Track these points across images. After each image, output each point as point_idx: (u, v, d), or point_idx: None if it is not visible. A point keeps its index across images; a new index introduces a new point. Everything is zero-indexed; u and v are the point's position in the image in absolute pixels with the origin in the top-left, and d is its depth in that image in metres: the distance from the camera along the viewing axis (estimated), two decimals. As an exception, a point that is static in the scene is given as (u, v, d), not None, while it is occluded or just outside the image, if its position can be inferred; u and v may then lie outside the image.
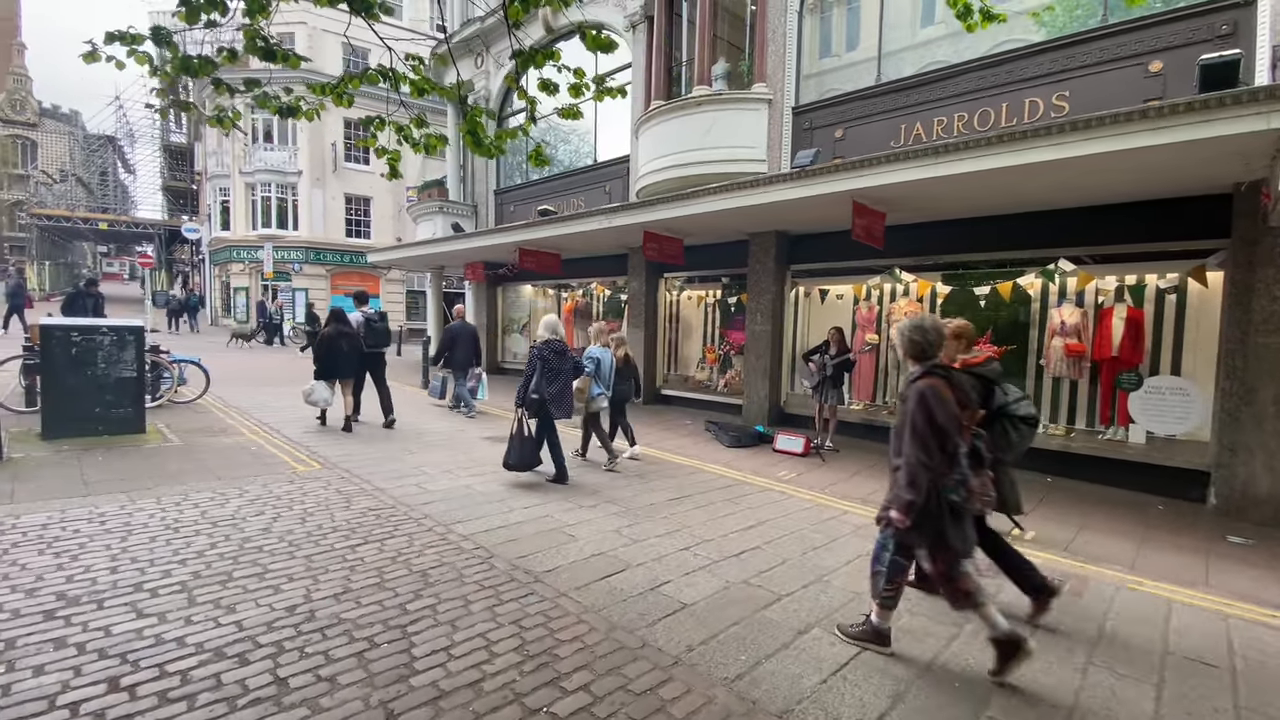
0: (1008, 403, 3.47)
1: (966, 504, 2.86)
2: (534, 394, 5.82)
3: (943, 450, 2.80)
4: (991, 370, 3.54)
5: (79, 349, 6.66)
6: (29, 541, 3.86)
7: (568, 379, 6.05)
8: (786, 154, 8.87)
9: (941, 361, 3.01)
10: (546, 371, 5.87)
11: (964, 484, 2.84)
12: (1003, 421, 3.44)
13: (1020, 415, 3.46)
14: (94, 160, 43.28)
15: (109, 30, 3.18)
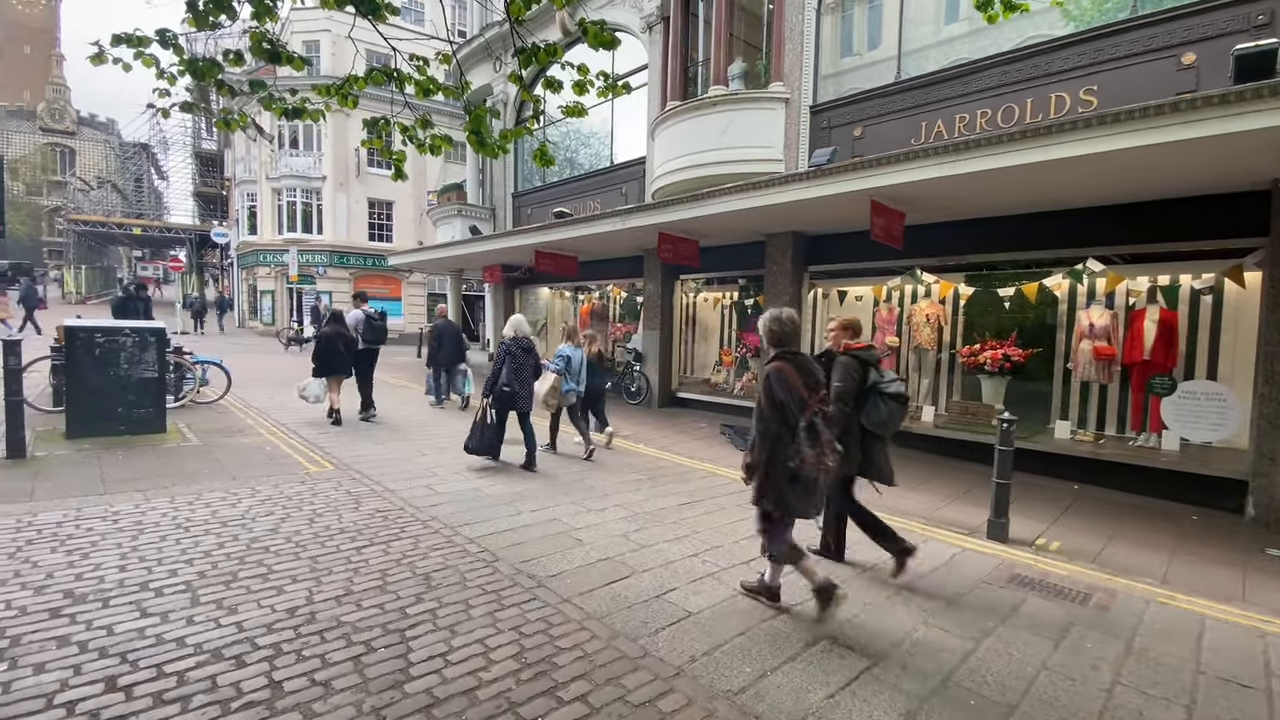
0: (880, 381, 3.99)
1: (801, 470, 3.23)
2: (505, 387, 6.27)
3: (784, 422, 3.28)
4: (869, 355, 4.10)
5: (102, 350, 6.80)
6: (43, 539, 3.91)
7: (529, 374, 6.55)
8: (804, 153, 8.73)
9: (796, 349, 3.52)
10: (514, 366, 6.35)
11: (799, 453, 3.21)
12: (874, 397, 3.97)
13: (889, 392, 3.96)
14: (129, 167, 44.60)
15: (115, 33, 3.21)
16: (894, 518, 5.31)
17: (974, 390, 8.17)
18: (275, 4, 3.74)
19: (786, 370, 3.34)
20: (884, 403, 3.95)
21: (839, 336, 4.21)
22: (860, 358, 4.05)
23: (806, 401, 3.28)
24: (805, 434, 3.23)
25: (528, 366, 6.50)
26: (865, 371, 4.02)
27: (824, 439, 3.28)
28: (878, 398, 3.97)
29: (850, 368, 3.99)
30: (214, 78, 3.74)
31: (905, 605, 3.67)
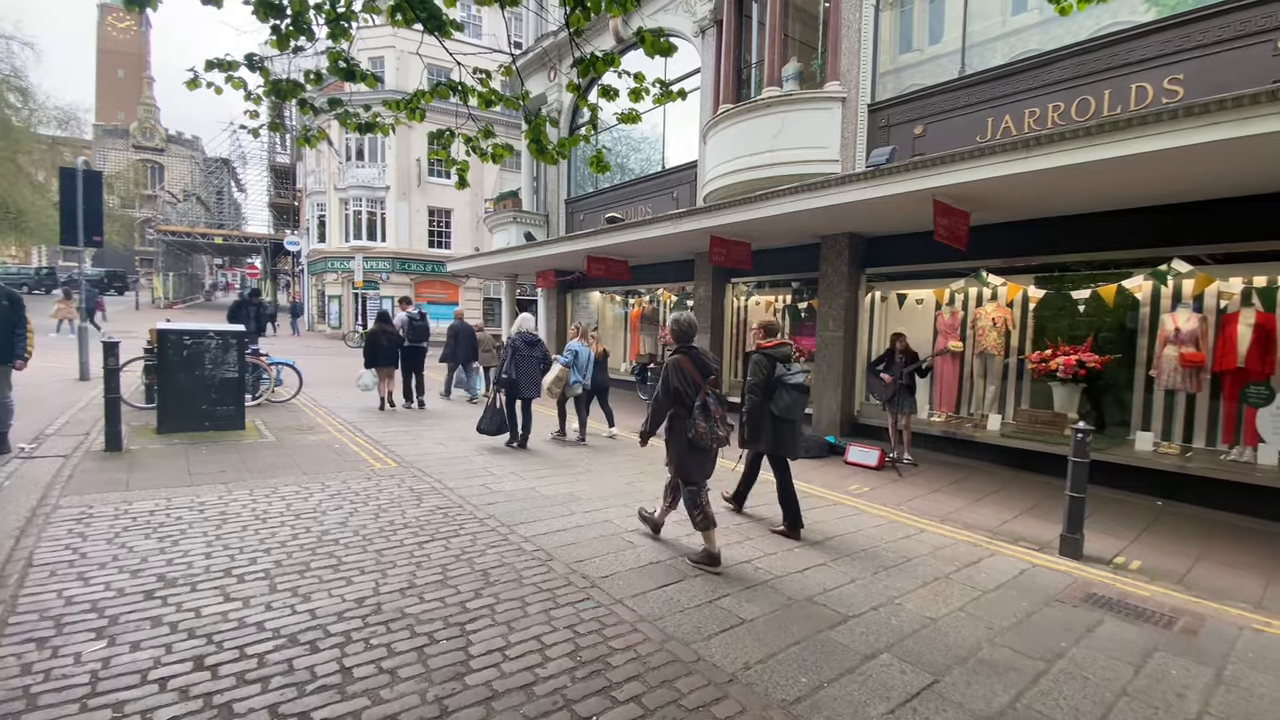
0: (784, 374, 4.69)
1: (697, 440, 4.02)
2: (504, 375, 7.34)
3: (680, 402, 4.10)
4: (778, 352, 4.79)
5: (189, 352, 7.30)
6: (138, 526, 4.23)
7: (533, 365, 7.41)
8: (861, 153, 8.54)
9: (694, 344, 4.30)
10: (517, 358, 7.30)
11: (695, 426, 4.01)
12: (780, 388, 4.69)
13: (791, 384, 4.67)
14: (211, 181, 47.76)
15: (208, 59, 3.46)
16: (958, 530, 5.14)
17: (1044, 398, 7.78)
18: (349, 25, 3.95)
19: (683, 361, 4.18)
20: (787, 392, 4.67)
21: (756, 336, 4.99)
22: (770, 355, 4.77)
23: (700, 385, 4.10)
24: (699, 411, 4.06)
25: (532, 359, 7.41)
26: (773, 367, 4.73)
27: (715, 414, 4.08)
28: (782, 388, 4.68)
29: (760, 364, 4.75)
30: (296, 97, 3.98)
31: (971, 621, 3.53)
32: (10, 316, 5.78)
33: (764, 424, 4.77)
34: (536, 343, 7.53)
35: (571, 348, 7.85)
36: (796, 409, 4.74)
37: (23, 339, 5.90)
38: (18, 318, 5.84)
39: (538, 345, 7.54)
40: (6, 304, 5.79)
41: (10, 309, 5.80)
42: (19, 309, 5.89)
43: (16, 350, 5.87)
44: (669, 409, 4.17)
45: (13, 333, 5.81)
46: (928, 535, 5.06)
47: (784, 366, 4.73)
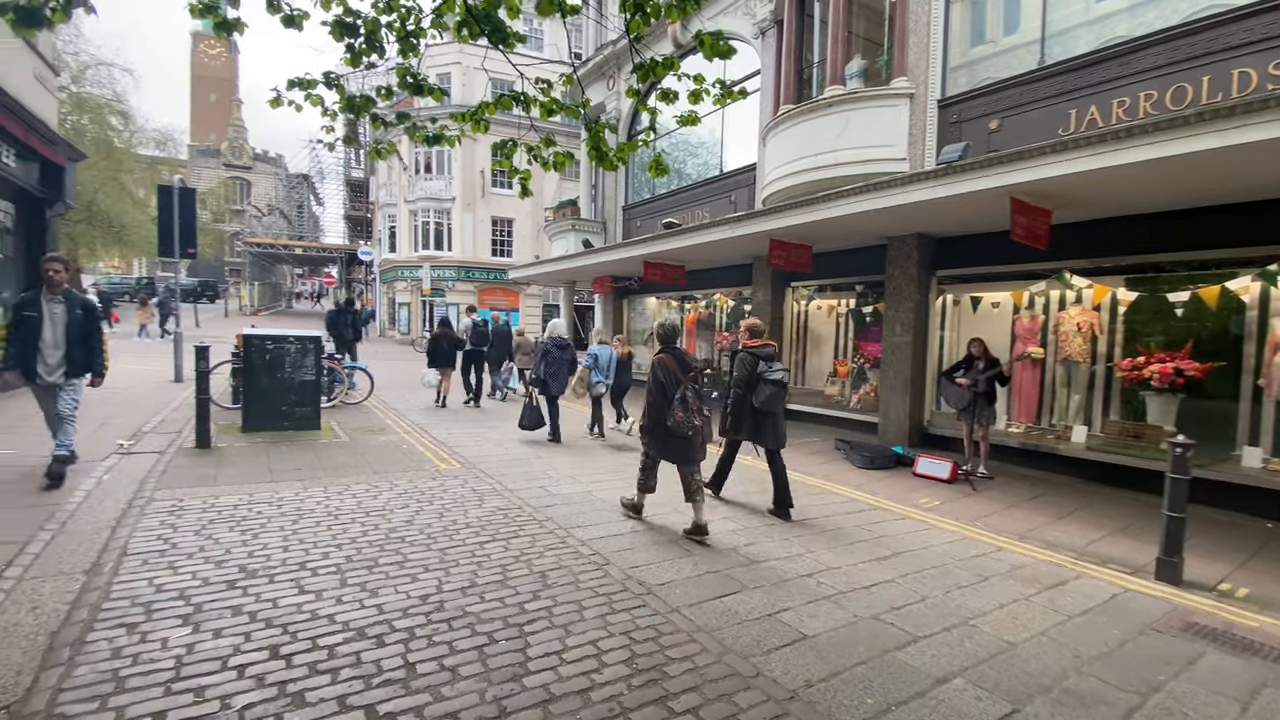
0: (765, 371, 5.22)
1: (675, 428, 4.57)
2: (535, 375, 8.15)
3: (664, 395, 4.66)
4: (762, 351, 5.33)
5: (271, 355, 7.75)
6: (223, 519, 4.50)
7: (562, 366, 8.14)
8: (930, 150, 8.19)
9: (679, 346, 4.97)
10: (548, 359, 8.06)
11: (673, 415, 4.56)
12: (760, 383, 5.23)
13: (770, 379, 5.20)
14: (293, 195, 50.90)
15: (289, 78, 3.67)
16: (1039, 550, 4.82)
17: (1136, 409, 7.21)
18: (417, 41, 4.10)
19: (668, 359, 4.78)
20: (767, 386, 5.21)
21: (743, 336, 5.56)
22: (755, 353, 5.33)
23: (680, 380, 4.67)
24: (679, 403, 4.60)
25: (562, 361, 8.15)
26: (756, 364, 5.28)
27: (692, 406, 4.63)
28: (763, 383, 5.22)
29: (745, 361, 5.34)
30: (368, 112, 4.16)
31: (1055, 648, 3.28)
32: (85, 326, 5.14)
33: (745, 415, 5.37)
34: (566, 346, 8.34)
35: (592, 351, 8.56)
36: (775, 402, 5.26)
37: (99, 352, 5.25)
38: (93, 327, 5.20)
39: (567, 348, 8.32)
40: (81, 313, 5.13)
41: (85, 318, 5.15)
42: (94, 318, 5.25)
43: (94, 364, 5.23)
44: (660, 402, 4.71)
45: (89, 344, 5.16)
46: (1005, 554, 4.76)
47: (766, 364, 5.28)
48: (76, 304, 5.15)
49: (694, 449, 4.72)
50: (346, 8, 3.78)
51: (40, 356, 5.00)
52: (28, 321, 4.95)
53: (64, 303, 5.07)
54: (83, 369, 5.20)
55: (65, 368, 5.09)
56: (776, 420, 5.33)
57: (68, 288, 5.13)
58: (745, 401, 5.32)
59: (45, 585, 3.31)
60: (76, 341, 5.10)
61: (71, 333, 5.07)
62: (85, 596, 3.22)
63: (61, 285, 5.06)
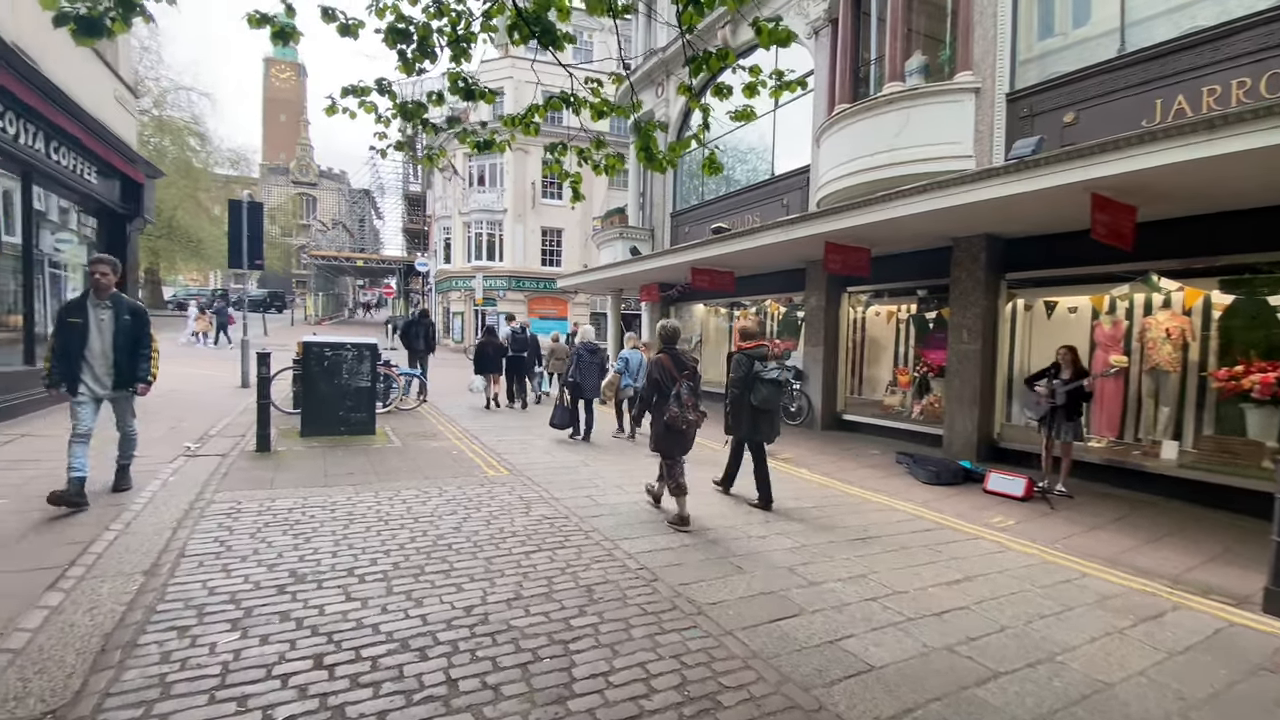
0: (761, 371, 5.44)
1: (671, 423, 4.94)
2: (570, 379, 8.68)
3: (660, 393, 5.03)
4: (757, 352, 5.58)
5: (329, 362, 7.94)
6: (278, 523, 4.56)
7: (594, 369, 8.75)
8: (999, 146, 7.73)
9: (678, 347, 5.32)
10: (580, 364, 8.64)
11: (669, 411, 4.92)
12: (757, 383, 5.45)
13: (767, 379, 5.41)
14: (355, 210, 53.16)
15: (343, 85, 3.69)
16: (1130, 577, 4.38)
17: (1234, 423, 6.54)
18: (469, 46, 4.09)
19: (665, 359, 5.16)
20: (764, 386, 5.44)
21: (738, 339, 5.83)
22: (750, 355, 5.58)
23: (676, 378, 5.05)
24: (674, 399, 4.97)
25: (593, 365, 8.74)
26: (752, 365, 5.52)
27: (687, 402, 4.98)
28: (759, 383, 5.45)
29: (741, 362, 5.59)
30: (420, 118, 4.17)
31: (1156, 690, 2.91)
32: (134, 333, 4.80)
33: (743, 414, 5.62)
34: (597, 350, 8.96)
35: (622, 355, 8.86)
36: (773, 400, 5.52)
37: (147, 360, 4.93)
38: (142, 334, 4.87)
39: (598, 353, 8.94)
40: (129, 319, 4.77)
41: (133, 324, 4.80)
42: (143, 324, 4.89)
43: (140, 372, 4.92)
44: (653, 396, 5.16)
45: (137, 352, 4.85)
46: (1091, 580, 4.33)
47: (761, 365, 5.51)
48: (125, 309, 4.76)
49: (686, 441, 5.17)
50: (399, 14, 3.79)
51: (87, 366, 4.62)
52: (73, 329, 4.56)
53: (111, 308, 4.69)
54: (131, 379, 4.87)
55: (114, 377, 4.76)
56: (773, 417, 5.68)
57: (116, 292, 4.75)
58: (743, 401, 5.57)
59: (104, 586, 3.38)
60: (125, 350, 4.75)
61: (119, 341, 4.71)
62: (141, 598, 3.26)
63: (109, 289, 4.66)
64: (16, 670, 2.58)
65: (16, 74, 6.59)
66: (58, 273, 9.85)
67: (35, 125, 7.53)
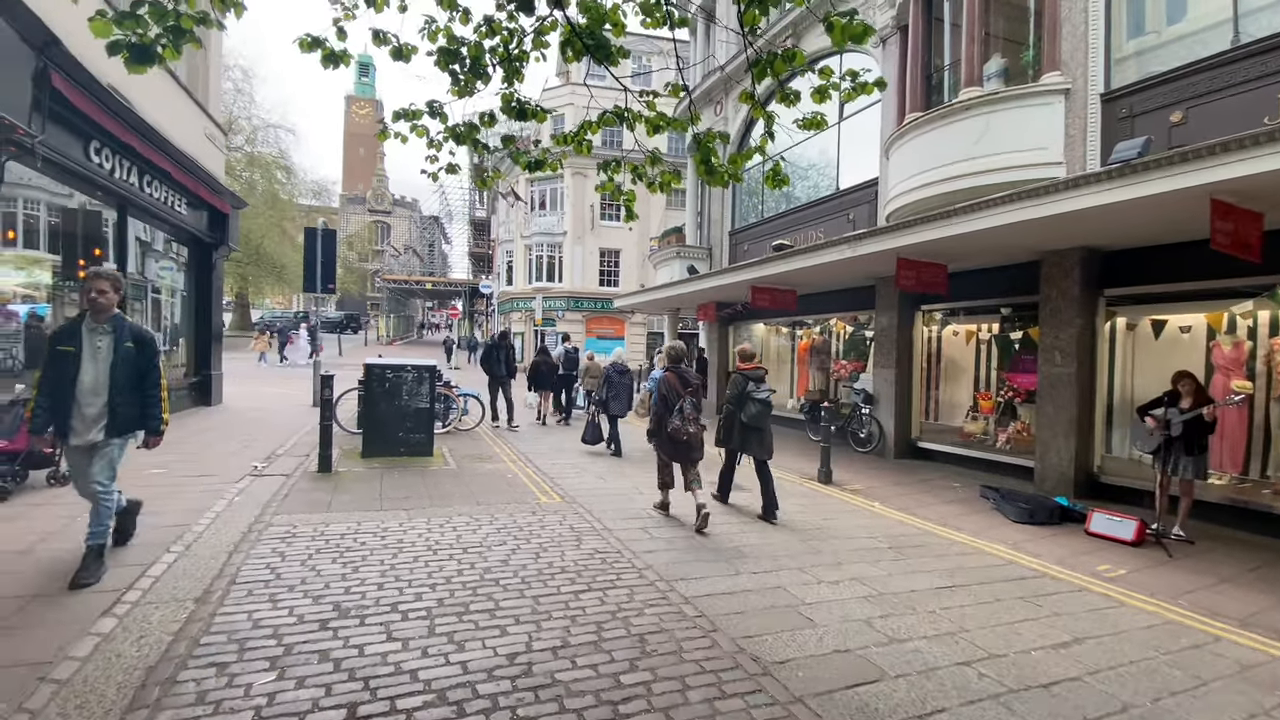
0: (753, 391, 5.95)
1: (675, 434, 5.62)
2: (598, 397, 9.45)
3: (666, 407, 5.73)
4: (753, 374, 6.08)
5: (390, 383, 8.04)
6: (329, 549, 4.50)
7: (622, 389, 9.30)
8: (1093, 151, 7.06)
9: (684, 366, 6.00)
10: (610, 384, 9.24)
11: (672, 423, 5.63)
12: (748, 401, 5.94)
13: (757, 398, 5.93)
14: (425, 235, 55.54)
15: (395, 110, 3.64)
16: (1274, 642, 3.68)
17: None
18: (521, 65, 3.99)
19: (671, 377, 5.80)
20: (753, 404, 5.93)
21: (738, 360, 6.40)
22: (746, 375, 6.08)
23: (680, 394, 5.69)
24: (677, 413, 5.63)
25: (622, 385, 9.31)
26: (746, 384, 6.02)
27: (689, 416, 5.63)
28: (750, 401, 5.94)
29: (736, 382, 6.10)
30: (471, 139, 4.09)
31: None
32: (138, 365, 3.79)
33: (734, 429, 6.09)
34: (626, 371, 9.49)
35: (654, 375, 8.92)
36: (762, 418, 5.99)
37: (156, 402, 3.88)
38: (149, 368, 3.85)
39: (626, 374, 9.46)
40: (132, 347, 3.77)
41: (138, 355, 3.80)
42: (150, 355, 3.87)
43: (149, 417, 3.87)
44: (662, 412, 5.77)
45: (142, 390, 3.81)
46: (1227, 645, 3.69)
47: (755, 385, 6.01)
48: (127, 335, 3.77)
49: (692, 449, 5.71)
50: (451, 36, 3.73)
51: (76, 406, 3.62)
52: (64, 360, 3.63)
53: (111, 333, 3.72)
54: (129, 424, 3.80)
55: (106, 420, 3.69)
56: (763, 434, 6.04)
57: (119, 314, 3.80)
58: (735, 417, 6.05)
59: (156, 613, 3.35)
60: (124, 386, 3.72)
61: (118, 374, 3.70)
62: (188, 628, 3.21)
63: (109, 311, 3.71)
64: (58, 704, 2.53)
65: (113, 114, 7.07)
66: (158, 297, 10.55)
67: (131, 161, 8.07)
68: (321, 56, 3.27)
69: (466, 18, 3.66)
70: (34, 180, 6.88)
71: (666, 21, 3.75)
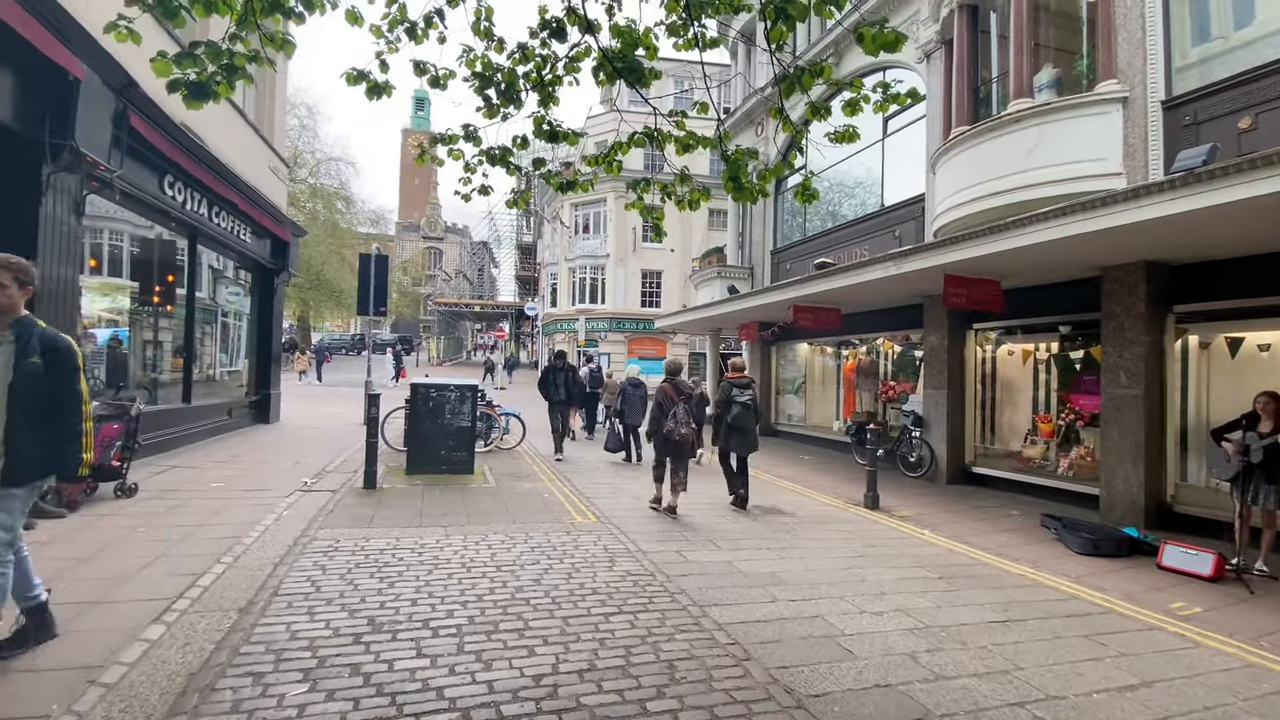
0: (736, 395, 6.92)
1: (670, 436, 6.52)
2: (617, 408, 10.29)
3: (661, 412, 6.61)
4: (739, 381, 7.07)
5: (434, 402, 8.22)
6: (368, 564, 4.58)
7: (637, 401, 10.07)
8: (1155, 160, 6.70)
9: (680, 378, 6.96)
10: (625, 395, 10.09)
11: (667, 426, 6.54)
12: (732, 405, 6.90)
13: (738, 401, 6.90)
14: (475, 260, 57.25)
15: (433, 134, 3.77)
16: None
17: None
18: (554, 90, 4.08)
19: (667, 387, 6.73)
20: (735, 407, 6.84)
21: (730, 371, 7.32)
22: (732, 383, 7.00)
23: (675, 401, 6.61)
24: (671, 417, 6.53)
25: (636, 397, 10.11)
26: (731, 390, 6.94)
27: (681, 420, 6.54)
28: (733, 405, 6.85)
29: (724, 388, 7.05)
30: (505, 162, 4.20)
31: None
32: (47, 385, 2.76)
33: (721, 429, 7.02)
34: (640, 385, 10.26)
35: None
36: (743, 419, 6.87)
37: (76, 436, 2.83)
38: (63, 388, 2.79)
39: (640, 386, 10.23)
40: (39, 361, 2.73)
41: (47, 371, 2.75)
42: (65, 373, 2.80)
43: (63, 457, 2.83)
44: (659, 416, 6.65)
45: (50, 417, 2.78)
46: (1324, 697, 3.30)
47: (738, 391, 6.96)
48: (36, 345, 2.75)
49: (682, 449, 6.63)
50: (488, 63, 3.86)
51: None
52: None
53: (12, 342, 2.74)
54: (32, 468, 2.77)
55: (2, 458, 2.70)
56: (745, 434, 6.94)
57: (28, 317, 2.81)
58: (722, 419, 6.97)
59: (201, 621, 3.47)
60: (27, 412, 2.73)
61: (19, 399, 2.71)
62: (230, 637, 3.30)
63: (13, 312, 2.76)
64: (104, 708, 2.62)
65: (185, 150, 7.60)
66: (227, 321, 11.19)
67: (201, 193, 8.64)
68: (366, 88, 3.42)
69: (501, 46, 3.77)
70: (115, 212, 7.44)
71: (697, 43, 3.78)
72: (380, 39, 3.51)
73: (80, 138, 5.49)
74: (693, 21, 3.30)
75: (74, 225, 5.88)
